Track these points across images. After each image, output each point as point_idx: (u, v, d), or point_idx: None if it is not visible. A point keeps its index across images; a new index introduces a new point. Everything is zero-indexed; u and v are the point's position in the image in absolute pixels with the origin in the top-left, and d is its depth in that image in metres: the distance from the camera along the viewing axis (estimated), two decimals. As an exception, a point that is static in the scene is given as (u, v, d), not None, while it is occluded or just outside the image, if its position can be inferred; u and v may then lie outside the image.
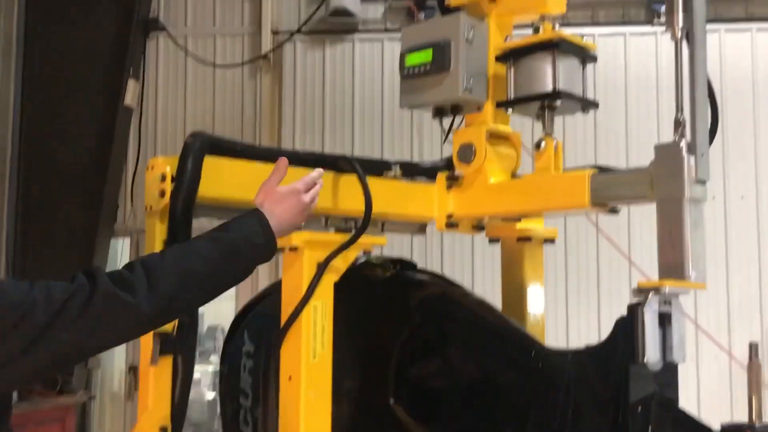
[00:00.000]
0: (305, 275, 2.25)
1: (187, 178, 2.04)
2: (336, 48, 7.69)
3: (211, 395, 8.42)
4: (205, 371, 8.79)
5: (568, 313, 7.16)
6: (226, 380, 2.75)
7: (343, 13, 7.43)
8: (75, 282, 1.65)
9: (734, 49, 7.31)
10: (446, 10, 2.69)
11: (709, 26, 2.28)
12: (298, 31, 7.61)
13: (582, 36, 2.54)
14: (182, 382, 2.04)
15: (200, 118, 7.67)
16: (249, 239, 1.91)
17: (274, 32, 7.71)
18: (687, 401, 2.04)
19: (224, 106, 7.75)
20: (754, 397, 1.98)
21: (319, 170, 2.17)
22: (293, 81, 7.66)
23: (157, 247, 2.07)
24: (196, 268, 1.81)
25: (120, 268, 1.77)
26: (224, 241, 1.88)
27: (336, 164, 2.39)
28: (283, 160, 2.10)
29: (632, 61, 7.40)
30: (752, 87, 7.31)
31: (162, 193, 2.07)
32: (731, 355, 6.96)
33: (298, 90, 7.66)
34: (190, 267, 1.80)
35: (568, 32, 2.47)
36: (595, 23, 7.48)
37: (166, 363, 2.03)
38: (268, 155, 2.31)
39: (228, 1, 7.82)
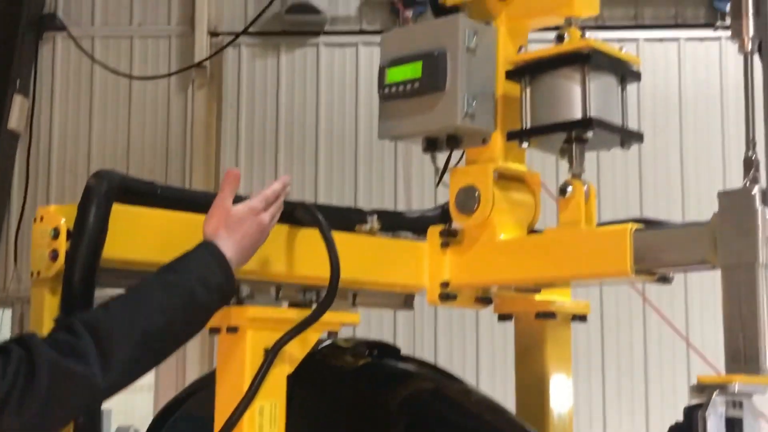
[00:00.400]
0: (248, 365, 2.22)
1: (88, 234, 2.01)
2: (295, 54, 7.74)
3: None
4: (114, 487, 8.70)
5: (605, 414, 7.13)
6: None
7: (306, 8, 7.48)
8: (10, 359, 1.66)
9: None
10: (441, 10, 2.71)
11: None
12: (245, 31, 7.64)
13: (621, 45, 2.56)
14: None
15: (110, 148, 7.67)
16: (205, 280, 1.95)
17: (212, 33, 7.76)
18: None
19: (144, 130, 7.76)
20: None
21: (283, 179, 2.19)
22: (237, 96, 7.69)
23: (47, 325, 2.03)
24: (152, 324, 1.86)
25: (55, 330, 1.80)
26: (179, 287, 1.92)
27: (292, 213, 2.37)
28: (234, 172, 2.13)
29: (688, 76, 7.49)
30: None
31: (54, 255, 2.04)
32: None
33: (243, 108, 7.69)
34: (144, 324, 1.85)
35: (602, 39, 2.48)
36: (639, 25, 7.58)
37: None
38: (202, 201, 2.29)
39: (151, -9, 7.90)
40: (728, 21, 2.25)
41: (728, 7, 2.38)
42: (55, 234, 2.05)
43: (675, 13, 7.64)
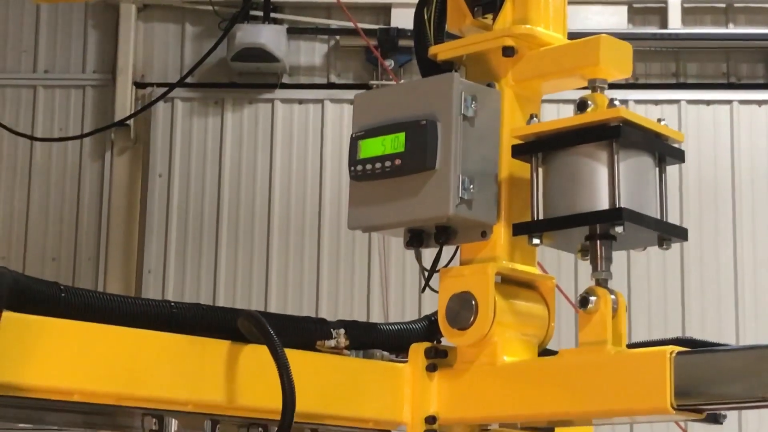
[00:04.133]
0: None
1: (-29, 352, 2.01)
2: (244, 111, 7.79)
3: None
4: None
5: None
6: None
7: (259, 55, 7.53)
8: None
9: None
10: (431, 67, 2.73)
11: None
12: (181, 82, 7.67)
13: (661, 108, 2.57)
14: None
15: (4, 229, 7.65)
16: None
17: (139, 84, 7.79)
18: None
19: (48, 206, 7.75)
20: None
21: None
22: (168, 164, 7.71)
23: None
24: None
25: None
26: None
27: (232, 324, 2.37)
28: None
29: (744, 148, 7.52)
30: None
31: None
32: None
33: (175, 179, 7.70)
34: None
35: (636, 100, 2.50)
36: (680, 85, 7.62)
37: None
38: (118, 307, 2.28)
39: (62, 30, 7.90)
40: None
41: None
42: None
43: (726, 69, 7.70)
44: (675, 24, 7.53)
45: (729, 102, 7.54)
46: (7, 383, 2.07)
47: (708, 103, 7.54)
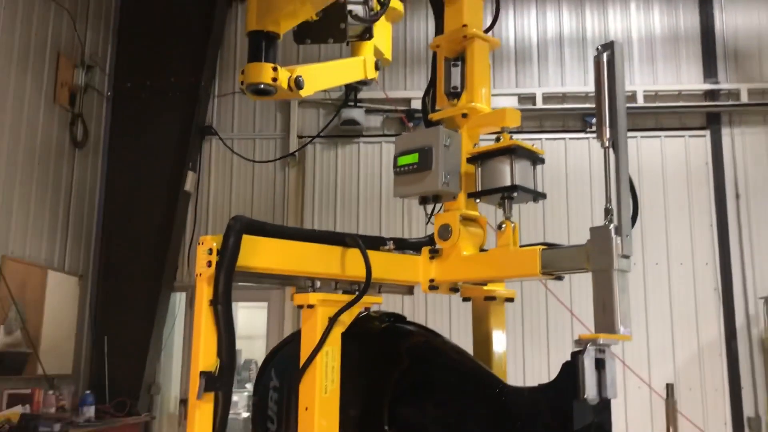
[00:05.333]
0: (319, 327, 2.21)
1: (228, 252, 2.01)
2: (345, 149, 7.78)
3: (245, 415, 8.29)
4: (242, 395, 8.69)
5: (524, 356, 7.06)
6: (257, 408, 2.67)
7: (352, 122, 7.54)
8: None
9: (648, 151, 7.39)
10: (429, 123, 2.70)
11: (630, 134, 2.29)
12: (318, 135, 7.70)
13: (532, 142, 2.54)
14: (221, 413, 1.97)
15: (242, 203, 7.70)
16: None
17: (300, 136, 7.81)
18: (617, 426, 1.99)
19: (260, 193, 7.79)
20: (671, 428, 1.92)
21: None
22: (313, 174, 7.73)
23: (205, 305, 2.02)
24: None
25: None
26: None
27: (343, 240, 2.36)
28: None
29: (571, 160, 7.48)
30: (662, 181, 7.36)
31: (209, 264, 2.03)
32: (651, 387, 6.83)
33: (316, 181, 7.72)
34: None
35: (521, 139, 2.47)
36: (542, 130, 7.58)
37: (210, 398, 1.97)
38: (292, 233, 2.28)
39: (264, 113, 7.92)
40: (594, 128, 2.23)
41: (594, 120, 2.35)
42: (210, 252, 2.04)
43: (563, 124, 7.64)
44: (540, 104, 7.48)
45: (563, 139, 7.48)
46: (245, 265, 2.08)
47: (555, 139, 7.45)
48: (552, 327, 7.11)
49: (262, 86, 2.50)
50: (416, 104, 7.38)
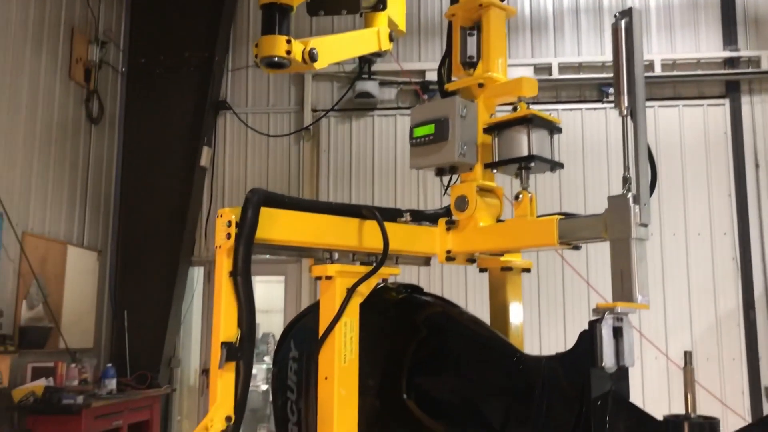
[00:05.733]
0: (337, 298, 2.23)
1: (247, 224, 2.02)
2: (360, 122, 7.74)
3: (264, 387, 8.39)
4: (261, 368, 8.80)
5: (540, 326, 7.07)
6: (277, 378, 2.71)
7: (366, 95, 7.48)
8: None
9: (666, 121, 7.30)
10: (445, 94, 2.69)
11: (647, 103, 2.26)
12: (332, 109, 7.66)
13: (548, 113, 2.53)
14: (243, 382, 2.01)
15: (257, 177, 7.71)
16: None
17: (314, 110, 7.77)
18: (634, 395, 2.00)
19: (275, 167, 7.79)
20: (689, 395, 1.92)
21: None
22: (328, 147, 7.71)
23: (225, 276, 2.04)
24: None
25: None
26: None
27: (360, 212, 2.37)
28: None
29: (588, 131, 7.40)
30: (680, 151, 7.29)
31: (228, 236, 2.04)
32: (668, 357, 6.84)
33: (331, 154, 7.70)
34: None
35: (538, 109, 2.46)
36: (558, 101, 7.49)
37: (231, 367, 2.01)
38: (309, 206, 2.29)
39: (278, 87, 7.89)
40: (612, 98, 2.22)
41: (611, 89, 2.33)
42: (229, 224, 2.05)
43: (579, 94, 7.55)
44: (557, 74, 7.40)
45: (580, 110, 7.40)
46: (264, 237, 2.10)
47: (572, 110, 7.38)
48: (568, 297, 7.11)
49: (277, 59, 2.50)
50: (431, 76, 7.29)
